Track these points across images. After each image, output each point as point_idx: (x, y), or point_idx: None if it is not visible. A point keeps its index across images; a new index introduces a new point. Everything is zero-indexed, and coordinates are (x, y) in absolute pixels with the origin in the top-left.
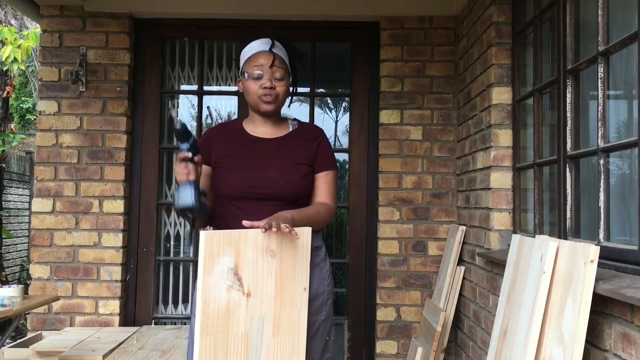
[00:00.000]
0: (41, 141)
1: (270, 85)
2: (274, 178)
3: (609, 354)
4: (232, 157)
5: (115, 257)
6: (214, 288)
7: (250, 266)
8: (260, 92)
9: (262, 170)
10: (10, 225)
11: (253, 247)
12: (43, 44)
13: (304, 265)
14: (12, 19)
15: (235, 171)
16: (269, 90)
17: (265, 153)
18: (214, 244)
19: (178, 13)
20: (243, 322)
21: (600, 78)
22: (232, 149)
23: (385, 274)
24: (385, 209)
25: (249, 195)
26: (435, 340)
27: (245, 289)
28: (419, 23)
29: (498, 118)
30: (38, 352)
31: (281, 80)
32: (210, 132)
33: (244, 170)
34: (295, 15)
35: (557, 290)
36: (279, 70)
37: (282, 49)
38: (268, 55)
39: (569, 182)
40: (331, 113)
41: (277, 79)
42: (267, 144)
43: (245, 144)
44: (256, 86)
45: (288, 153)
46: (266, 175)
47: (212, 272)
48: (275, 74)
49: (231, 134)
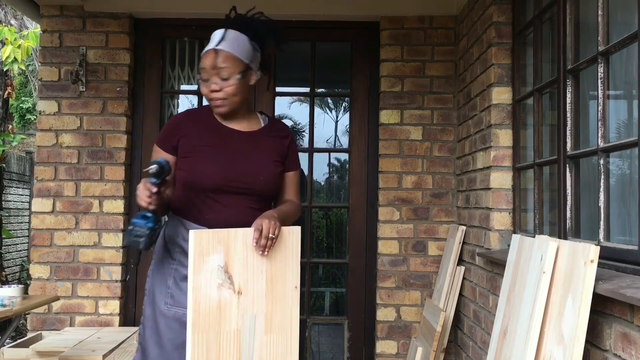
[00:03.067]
0: (41, 141)
1: (215, 88)
2: (254, 173)
3: (609, 354)
4: (209, 148)
5: (115, 257)
6: (204, 286)
7: (240, 264)
8: (209, 95)
9: (242, 165)
10: (10, 225)
11: (243, 245)
12: (43, 44)
13: (295, 263)
14: (12, 19)
15: (213, 163)
16: (216, 94)
17: (243, 147)
18: (203, 242)
19: (178, 13)
20: (235, 320)
21: (600, 78)
22: (207, 138)
23: (385, 274)
24: (385, 209)
25: (228, 189)
26: (435, 340)
27: (236, 287)
28: (419, 23)
29: (498, 118)
30: (38, 352)
31: (227, 80)
32: (179, 118)
33: (223, 162)
34: (295, 15)
35: (557, 290)
36: (225, 70)
37: (236, 38)
38: (211, 55)
39: (569, 182)
40: (331, 113)
41: (224, 79)
42: (243, 138)
43: (220, 134)
44: (206, 90)
45: (265, 149)
46: (247, 170)
47: (202, 270)
48: (221, 73)
49: (203, 122)
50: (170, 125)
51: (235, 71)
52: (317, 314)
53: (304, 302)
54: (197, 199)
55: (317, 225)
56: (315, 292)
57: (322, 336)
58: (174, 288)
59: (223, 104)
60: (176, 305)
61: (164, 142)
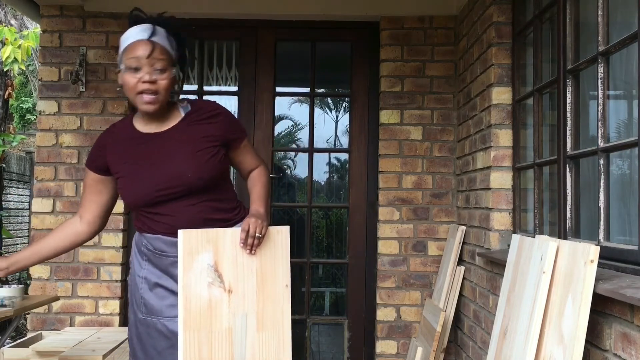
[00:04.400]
0: (41, 141)
1: (149, 78)
2: (180, 172)
3: (609, 354)
4: (129, 163)
5: (115, 257)
6: (194, 285)
7: (230, 263)
8: (138, 87)
9: (165, 169)
10: (10, 225)
11: (232, 244)
12: (43, 44)
13: (285, 262)
14: (12, 19)
15: (137, 178)
16: (148, 85)
17: (163, 149)
18: (192, 241)
19: (178, 13)
20: (226, 319)
21: (600, 78)
22: (126, 153)
23: (385, 274)
24: (385, 209)
25: (161, 199)
26: (435, 340)
27: (227, 285)
28: (419, 23)
29: (498, 118)
30: (38, 352)
31: (163, 72)
32: (101, 138)
33: (146, 173)
34: (295, 15)
35: (557, 290)
36: (160, 62)
37: (166, 37)
38: (146, 45)
39: (569, 182)
40: (331, 113)
41: (158, 70)
42: (162, 138)
43: (138, 144)
44: (134, 80)
45: (186, 141)
46: (171, 172)
47: (192, 268)
48: (156, 65)
49: (122, 135)
50: (95, 145)
51: (169, 67)
52: (317, 314)
53: (304, 302)
54: (142, 217)
55: (317, 225)
56: (315, 292)
57: (322, 336)
58: (145, 297)
59: (155, 100)
60: (150, 314)
61: (92, 162)
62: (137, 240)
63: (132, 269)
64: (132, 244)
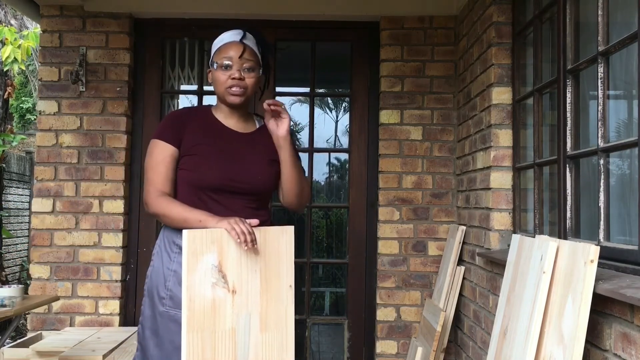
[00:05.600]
0: (41, 141)
1: (239, 76)
2: (254, 174)
3: (609, 354)
4: (209, 147)
5: (115, 257)
6: (198, 285)
7: (234, 263)
8: (228, 82)
9: (243, 166)
10: (10, 225)
11: (236, 245)
12: (43, 44)
13: (289, 262)
14: (12, 19)
15: (217, 163)
16: (237, 81)
17: (242, 147)
18: (196, 241)
19: (178, 13)
20: (230, 319)
21: (600, 78)
22: (206, 137)
23: (385, 274)
24: (385, 209)
25: (229, 189)
26: (435, 340)
27: (230, 286)
28: (419, 23)
29: (498, 118)
30: (38, 352)
31: (251, 72)
32: (180, 116)
33: (224, 162)
34: (295, 15)
35: (557, 290)
36: (249, 62)
37: (254, 42)
38: (238, 46)
39: (569, 182)
40: (331, 113)
41: (247, 69)
42: (242, 138)
43: (219, 134)
44: (225, 77)
45: (262, 150)
46: (248, 171)
47: (196, 269)
48: (245, 65)
49: (201, 120)
50: (174, 119)
51: (256, 67)
52: (317, 314)
53: (304, 302)
54: (197, 198)
55: (317, 225)
56: (315, 292)
57: (322, 336)
58: (173, 290)
59: (242, 93)
60: (175, 307)
61: (171, 136)
62: (172, 234)
63: (158, 263)
64: (160, 238)
